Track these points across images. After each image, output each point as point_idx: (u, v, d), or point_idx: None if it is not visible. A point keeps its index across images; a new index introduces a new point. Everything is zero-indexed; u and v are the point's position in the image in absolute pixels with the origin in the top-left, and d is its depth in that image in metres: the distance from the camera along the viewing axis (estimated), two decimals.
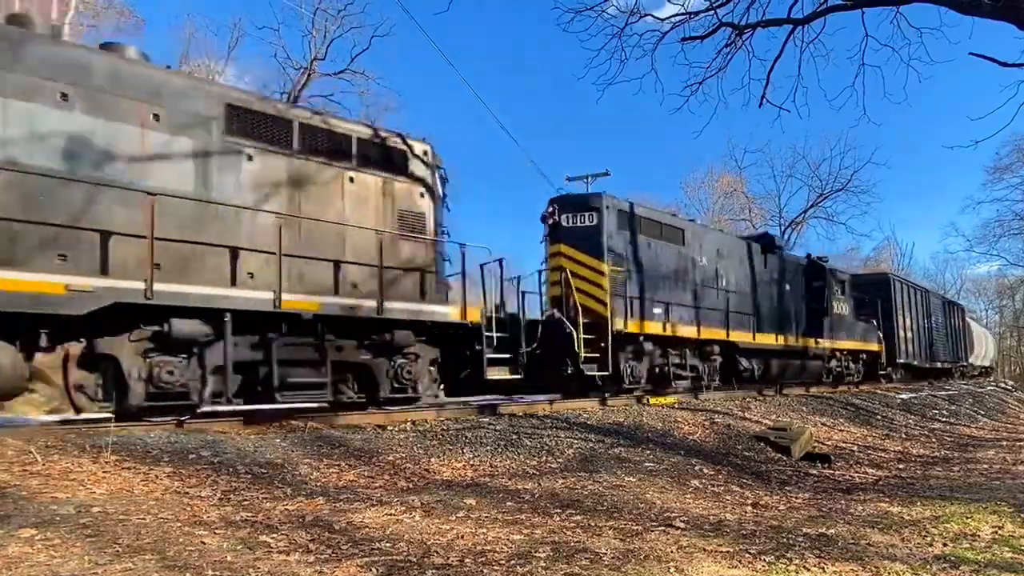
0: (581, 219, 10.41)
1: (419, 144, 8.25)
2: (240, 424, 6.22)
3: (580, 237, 10.36)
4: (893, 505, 5.35)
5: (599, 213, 10.35)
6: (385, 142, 7.90)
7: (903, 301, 21.20)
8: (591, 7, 9.35)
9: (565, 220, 10.47)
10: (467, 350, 8.22)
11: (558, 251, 10.39)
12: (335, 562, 3.04)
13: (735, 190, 39.38)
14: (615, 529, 3.99)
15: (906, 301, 21.56)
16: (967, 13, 7.09)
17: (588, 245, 10.28)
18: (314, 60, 25.93)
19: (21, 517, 3.25)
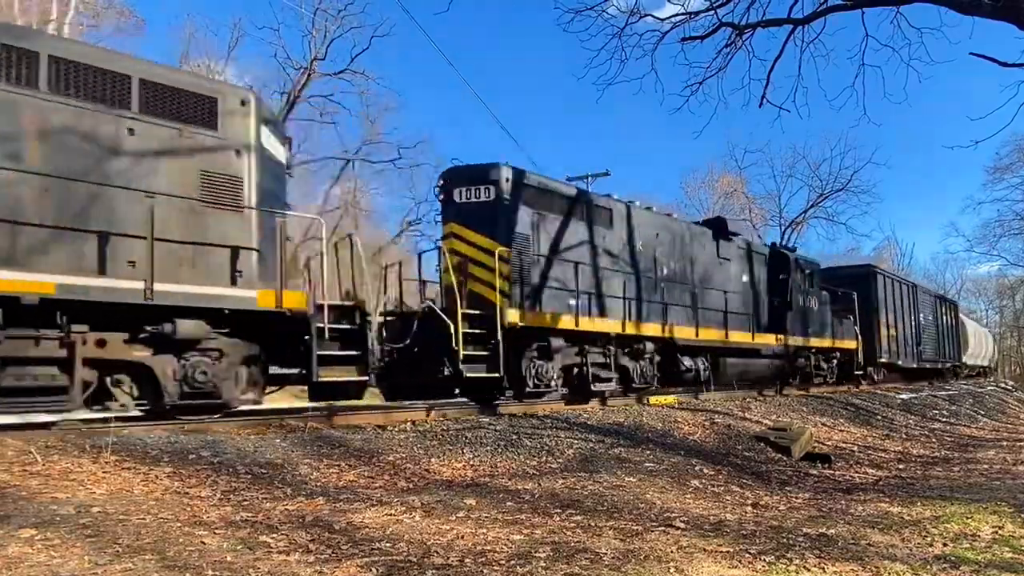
0: (476, 193, 8.80)
1: (235, 91, 6.82)
2: (240, 424, 6.21)
3: (474, 215, 8.76)
4: (893, 505, 5.35)
5: (496, 187, 8.74)
6: (184, 87, 6.35)
7: (887, 296, 19.75)
8: (591, 7, 9.35)
9: (458, 195, 8.89)
10: (300, 345, 6.67)
11: (449, 231, 8.94)
12: (335, 562, 3.04)
13: (735, 190, 39.47)
14: (615, 529, 3.99)
15: (891, 296, 20.14)
16: (967, 13, 7.08)
17: (482, 223, 8.66)
18: (314, 60, 25.99)
19: (21, 517, 3.25)
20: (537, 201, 9.24)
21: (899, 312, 20.61)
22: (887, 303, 19.61)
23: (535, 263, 9.05)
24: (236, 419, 6.50)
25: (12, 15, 20.60)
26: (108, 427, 5.19)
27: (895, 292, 20.62)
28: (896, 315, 20.28)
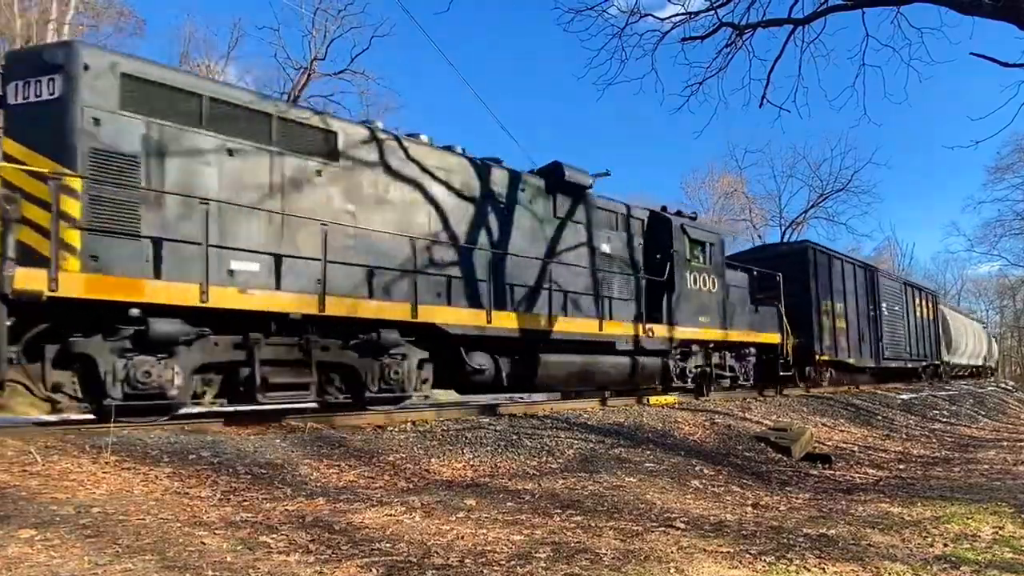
0: (37, 89, 5.59)
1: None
2: (240, 425, 6.21)
3: (33, 122, 5.58)
4: (894, 505, 5.35)
5: (66, 78, 5.53)
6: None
7: (833, 281, 16.19)
8: (591, 7, 9.36)
9: (14, 93, 5.65)
10: None
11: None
12: (335, 563, 3.03)
13: (735, 190, 39.52)
14: (615, 530, 3.99)
15: (838, 281, 16.51)
16: (967, 13, 7.09)
17: (44, 137, 5.50)
18: (314, 60, 26.02)
19: (21, 518, 3.25)
20: (163, 107, 6.03)
21: (851, 301, 16.97)
22: (833, 289, 16.06)
23: (157, 204, 5.87)
24: (235, 419, 6.51)
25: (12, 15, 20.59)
26: (107, 427, 5.18)
27: (845, 277, 16.98)
28: (847, 304, 16.64)
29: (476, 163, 8.74)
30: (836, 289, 16.30)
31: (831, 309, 15.83)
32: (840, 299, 16.46)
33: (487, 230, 8.72)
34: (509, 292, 8.77)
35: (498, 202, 8.89)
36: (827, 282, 15.88)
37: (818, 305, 15.27)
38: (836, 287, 16.35)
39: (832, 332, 15.70)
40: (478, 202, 8.59)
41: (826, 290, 15.77)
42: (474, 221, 8.54)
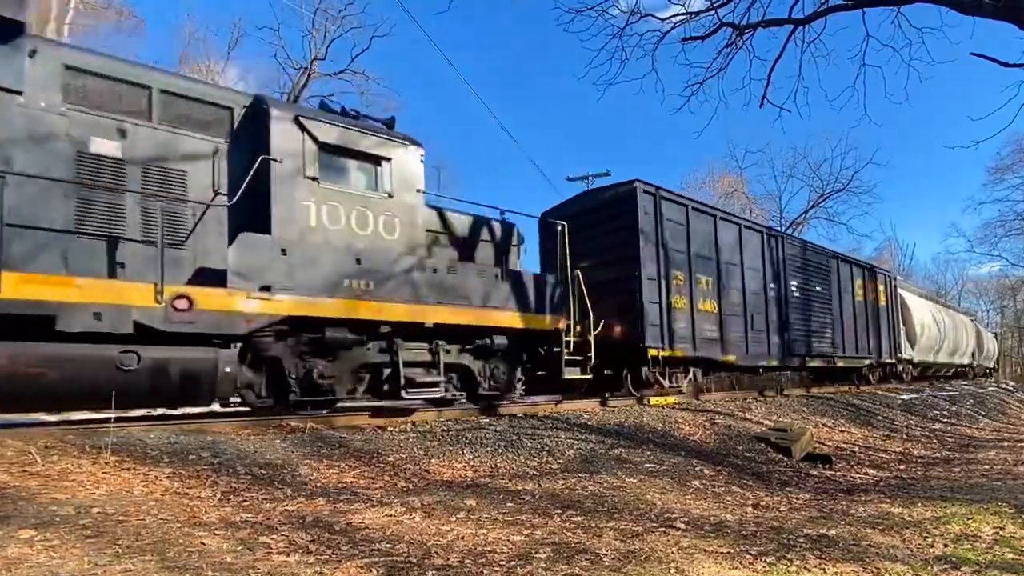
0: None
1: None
2: (240, 425, 6.21)
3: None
4: (894, 506, 5.34)
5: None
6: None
7: (690, 244, 11.35)
8: (592, 7, 9.36)
9: None
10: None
11: None
12: (335, 563, 3.03)
13: (736, 190, 39.45)
14: (616, 530, 3.99)
15: (702, 244, 11.68)
16: (968, 13, 7.09)
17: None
18: (314, 60, 26.01)
19: (20, 518, 3.25)
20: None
21: (733, 275, 12.39)
22: (694, 256, 11.40)
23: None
24: (236, 419, 6.50)
25: None
26: (107, 427, 5.18)
27: (721, 241, 12.15)
28: (724, 279, 12.09)
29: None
30: (702, 256, 11.64)
31: (689, 284, 11.20)
32: (709, 271, 11.77)
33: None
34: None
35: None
36: (683, 245, 11.26)
37: (661, 277, 10.60)
38: (702, 253, 11.68)
39: (689, 317, 11.04)
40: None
41: (680, 256, 11.15)
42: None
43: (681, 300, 11.07)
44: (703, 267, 11.73)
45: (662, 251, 10.80)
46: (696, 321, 11.27)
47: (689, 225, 11.51)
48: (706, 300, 11.71)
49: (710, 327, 11.67)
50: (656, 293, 10.54)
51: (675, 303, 10.90)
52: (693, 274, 11.41)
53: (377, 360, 7.35)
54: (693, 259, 11.47)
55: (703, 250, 11.82)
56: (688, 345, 11.03)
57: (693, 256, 11.48)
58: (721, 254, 12.19)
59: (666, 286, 10.73)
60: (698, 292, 11.47)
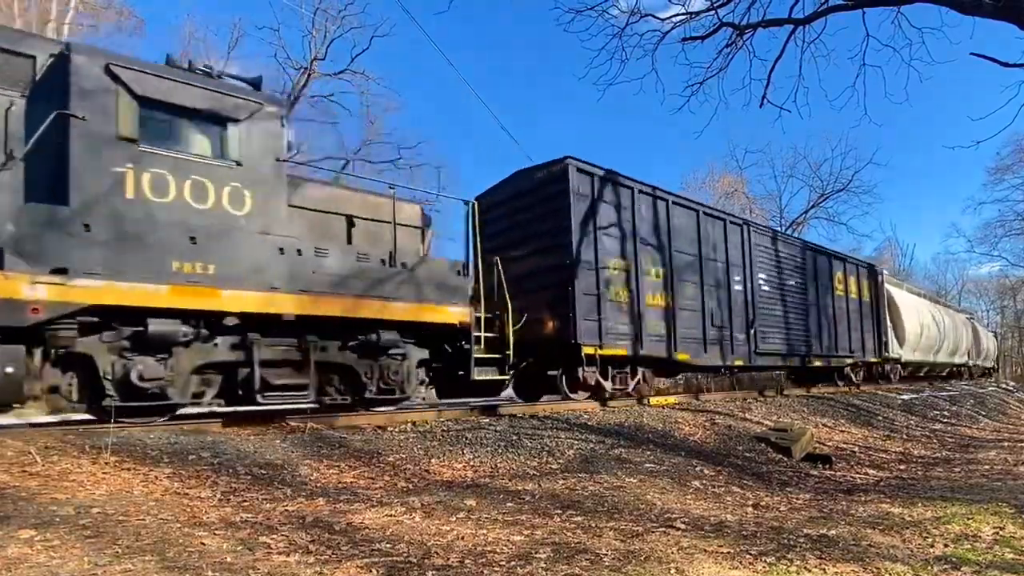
0: None
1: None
2: (240, 425, 6.21)
3: None
4: (894, 506, 5.34)
5: None
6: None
7: (636, 230, 10.22)
8: (592, 7, 9.37)
9: None
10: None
11: None
12: (335, 563, 3.03)
13: (736, 190, 39.45)
14: (616, 530, 3.99)
15: (647, 230, 10.50)
16: (968, 13, 7.09)
17: None
18: (314, 60, 25.99)
19: (20, 518, 3.25)
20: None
21: (689, 266, 11.31)
22: (640, 242, 10.25)
23: None
24: (235, 420, 6.50)
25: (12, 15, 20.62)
26: (107, 427, 5.18)
27: (675, 228, 11.04)
28: (675, 270, 10.89)
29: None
30: (651, 245, 10.59)
31: (634, 276, 10.05)
32: (659, 261, 10.66)
33: None
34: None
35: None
36: (627, 232, 10.13)
37: (599, 267, 9.45)
38: (652, 241, 10.64)
39: (633, 311, 9.96)
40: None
41: (624, 244, 10.06)
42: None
43: (624, 292, 9.94)
44: (652, 257, 10.60)
45: (601, 238, 9.65)
46: (642, 316, 10.13)
47: (636, 209, 10.31)
48: (656, 293, 10.52)
49: (659, 323, 10.51)
50: (593, 284, 9.39)
51: (616, 296, 9.78)
52: (640, 264, 10.24)
53: (229, 359, 6.25)
54: (640, 248, 10.28)
55: (653, 238, 10.65)
56: (630, 343, 9.93)
57: (640, 244, 10.29)
58: (675, 243, 11.00)
59: (605, 277, 9.58)
60: (646, 284, 10.31)
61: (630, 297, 10.04)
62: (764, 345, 13.02)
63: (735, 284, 12.37)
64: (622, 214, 10.12)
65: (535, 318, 9.22)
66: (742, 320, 12.40)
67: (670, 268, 10.83)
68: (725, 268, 12.16)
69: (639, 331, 10.03)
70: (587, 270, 9.35)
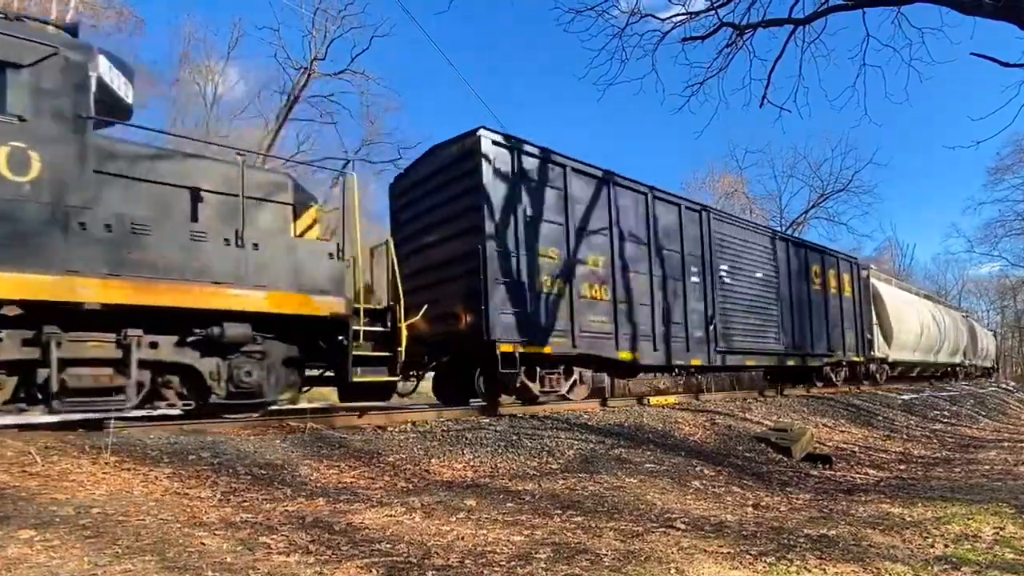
0: None
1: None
2: (240, 425, 6.20)
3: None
4: (894, 506, 5.34)
5: None
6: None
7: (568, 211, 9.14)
8: (592, 7, 9.36)
9: None
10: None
11: None
12: (335, 563, 3.03)
13: (736, 190, 39.46)
14: (616, 530, 3.99)
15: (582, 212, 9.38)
16: (968, 13, 7.09)
17: None
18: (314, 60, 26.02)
19: (20, 518, 3.25)
20: None
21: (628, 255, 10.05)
22: (570, 230, 9.13)
23: None
24: (235, 420, 6.50)
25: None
26: (108, 428, 5.18)
27: (620, 211, 10.00)
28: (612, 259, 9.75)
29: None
30: (589, 230, 9.46)
31: (568, 265, 9.01)
32: (600, 249, 9.56)
33: None
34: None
35: None
36: (559, 215, 9.06)
37: (521, 253, 8.42)
38: (591, 227, 9.49)
39: (567, 305, 8.93)
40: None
41: (554, 229, 8.95)
42: None
43: (555, 283, 8.81)
44: (591, 244, 9.42)
45: (524, 221, 8.50)
46: (578, 310, 9.02)
47: (569, 190, 9.17)
48: (595, 285, 9.43)
49: (600, 318, 9.38)
50: (513, 273, 8.26)
51: (544, 287, 8.64)
52: (575, 252, 9.12)
53: (19, 357, 5.22)
54: (574, 233, 9.15)
55: (592, 223, 9.49)
56: (564, 340, 8.82)
57: (574, 229, 9.16)
58: (620, 229, 9.89)
59: (529, 265, 8.46)
60: (582, 274, 9.21)
61: (563, 289, 8.94)
62: (728, 343, 11.97)
63: (692, 276, 11.32)
64: (553, 195, 9.04)
65: (450, 311, 8.34)
66: (700, 316, 11.41)
67: (613, 257, 9.77)
68: (680, 258, 11.10)
69: (574, 327, 8.96)
70: (505, 257, 8.25)
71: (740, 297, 12.60)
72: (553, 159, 9.15)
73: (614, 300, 9.70)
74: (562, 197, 9.16)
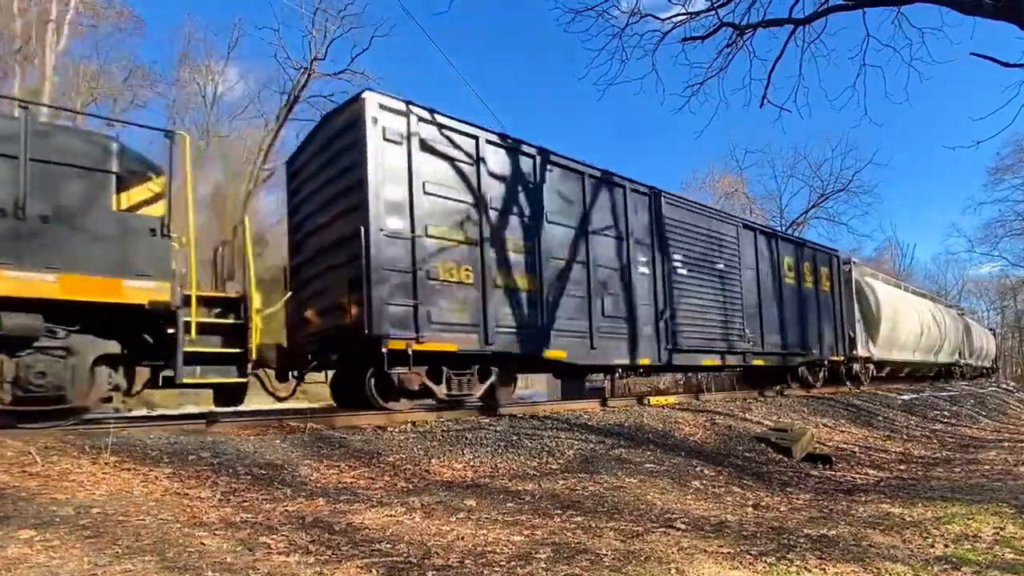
0: None
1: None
2: (240, 426, 6.21)
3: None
4: (894, 506, 5.34)
5: None
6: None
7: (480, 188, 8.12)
8: (592, 7, 9.37)
9: None
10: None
11: None
12: (335, 563, 3.03)
13: (736, 191, 39.48)
14: (616, 530, 3.98)
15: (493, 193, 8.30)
16: (968, 13, 7.09)
17: None
18: (314, 60, 26.05)
19: (20, 518, 3.25)
20: None
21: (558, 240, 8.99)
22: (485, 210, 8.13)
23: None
24: (236, 420, 6.50)
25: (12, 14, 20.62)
26: (107, 427, 5.18)
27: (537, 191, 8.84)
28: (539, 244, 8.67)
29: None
30: (510, 212, 8.43)
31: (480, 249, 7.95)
32: (523, 233, 8.52)
33: None
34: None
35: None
36: (467, 193, 7.99)
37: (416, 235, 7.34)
38: (513, 208, 8.48)
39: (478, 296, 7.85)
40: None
41: (464, 208, 7.92)
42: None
43: (461, 271, 7.69)
44: (512, 226, 8.36)
45: (423, 198, 7.45)
46: (491, 301, 7.89)
47: (483, 165, 8.12)
48: (515, 274, 8.26)
49: (520, 311, 8.24)
50: (406, 259, 7.20)
51: (448, 275, 7.56)
52: (490, 234, 8.05)
53: None
54: (489, 213, 8.10)
55: (513, 204, 8.43)
56: (474, 335, 7.73)
57: (489, 209, 8.12)
58: (547, 211, 8.81)
59: (428, 249, 7.43)
60: (498, 261, 8.11)
61: (473, 278, 7.80)
62: (683, 341, 10.75)
63: (639, 266, 10.11)
64: (461, 169, 7.95)
65: (337, 303, 7.41)
66: (650, 310, 10.17)
67: (539, 243, 8.62)
68: (625, 246, 9.94)
69: (487, 320, 7.84)
70: (395, 239, 7.15)
71: (697, 291, 11.25)
72: (460, 128, 8.02)
73: (540, 291, 8.53)
74: (474, 172, 8.07)
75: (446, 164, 7.84)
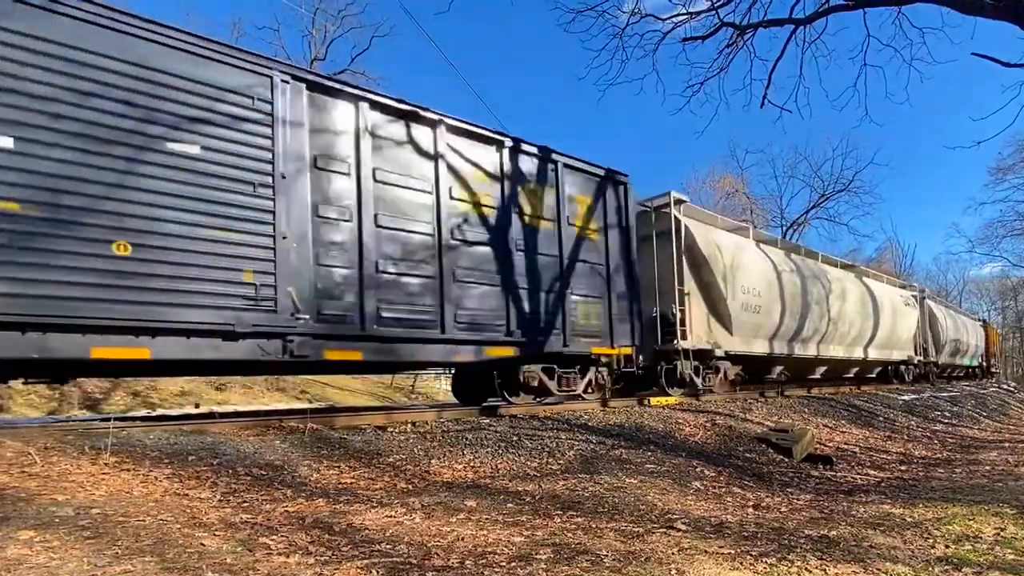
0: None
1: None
2: (240, 426, 6.20)
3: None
4: (895, 507, 5.33)
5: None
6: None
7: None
8: (592, 7, 9.37)
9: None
10: None
11: None
12: (335, 564, 3.02)
13: (736, 191, 39.47)
14: (616, 531, 3.98)
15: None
16: (969, 13, 7.09)
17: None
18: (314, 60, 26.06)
19: (20, 519, 3.24)
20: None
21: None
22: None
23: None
24: (236, 420, 6.50)
25: None
26: (107, 428, 5.18)
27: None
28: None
29: None
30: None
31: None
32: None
33: None
34: None
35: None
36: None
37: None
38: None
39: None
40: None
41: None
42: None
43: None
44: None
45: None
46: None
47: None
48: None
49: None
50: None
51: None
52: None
53: None
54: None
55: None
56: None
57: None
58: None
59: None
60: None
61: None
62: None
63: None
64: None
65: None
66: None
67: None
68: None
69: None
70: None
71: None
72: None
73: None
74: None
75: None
